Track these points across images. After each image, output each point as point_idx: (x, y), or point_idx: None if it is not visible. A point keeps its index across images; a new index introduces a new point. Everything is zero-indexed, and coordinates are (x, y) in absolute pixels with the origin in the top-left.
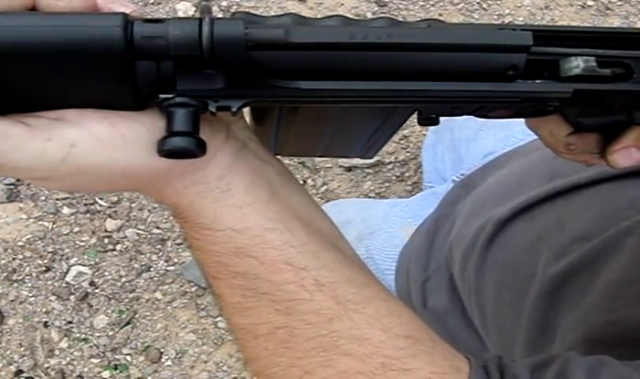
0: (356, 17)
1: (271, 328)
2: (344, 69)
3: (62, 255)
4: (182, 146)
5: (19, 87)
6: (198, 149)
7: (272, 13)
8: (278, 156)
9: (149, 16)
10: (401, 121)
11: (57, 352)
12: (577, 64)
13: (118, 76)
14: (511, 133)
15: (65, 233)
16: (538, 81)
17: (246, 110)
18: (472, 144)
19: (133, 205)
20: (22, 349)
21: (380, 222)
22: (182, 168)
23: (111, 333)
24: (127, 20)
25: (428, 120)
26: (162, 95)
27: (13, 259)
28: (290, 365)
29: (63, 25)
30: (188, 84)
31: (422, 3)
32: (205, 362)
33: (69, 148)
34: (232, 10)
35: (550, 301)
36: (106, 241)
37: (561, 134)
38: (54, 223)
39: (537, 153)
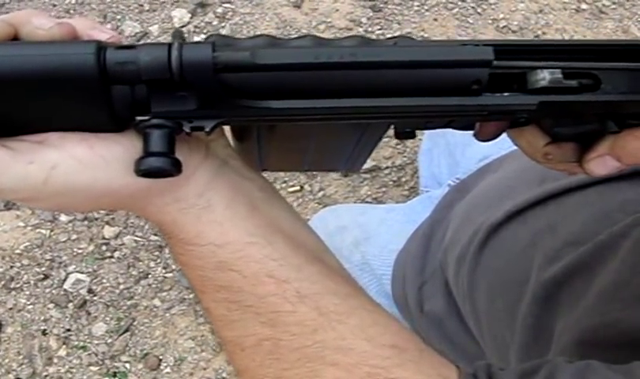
0: (351, 22)
1: (257, 340)
2: (312, 88)
3: (60, 263)
4: (158, 166)
5: (2, 112)
6: (174, 168)
7: (268, 19)
8: (265, 172)
9: (125, 42)
10: (379, 136)
11: (55, 360)
12: (544, 76)
13: (95, 101)
14: (506, 138)
15: (62, 240)
16: (506, 94)
17: (228, 128)
18: (468, 148)
19: (131, 212)
20: (20, 357)
21: (376, 227)
22: (161, 186)
23: (109, 341)
24: (100, 47)
25: (403, 134)
26: (138, 118)
27: (11, 267)
28: (277, 377)
29: (41, 54)
30: (162, 107)
31: (417, 8)
32: (205, 368)
33: (50, 169)
34: (227, 17)
35: (544, 306)
36: (104, 248)
37: (539, 144)
38: (51, 231)
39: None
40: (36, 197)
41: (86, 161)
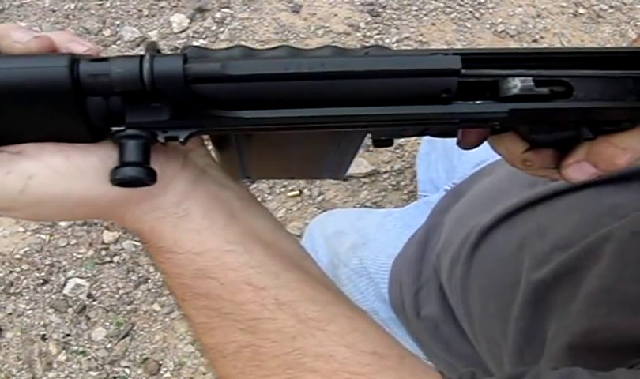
0: (350, 27)
1: (237, 347)
2: (283, 98)
3: (60, 267)
4: (132, 175)
5: None
6: (148, 178)
7: (266, 25)
8: (250, 180)
9: (103, 55)
10: (357, 144)
11: (55, 365)
12: (515, 84)
13: (71, 112)
14: None
15: (62, 245)
16: (478, 102)
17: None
18: (464, 153)
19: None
20: (20, 362)
21: (373, 232)
22: (139, 196)
23: (109, 345)
24: (74, 60)
25: (380, 142)
26: (113, 128)
27: (11, 272)
28: None
29: (16, 67)
30: (136, 117)
31: (415, 13)
32: (204, 373)
33: (27, 179)
34: (226, 22)
35: (535, 308)
36: (103, 253)
37: (517, 151)
38: (51, 236)
39: None
40: (13, 206)
41: (62, 171)
